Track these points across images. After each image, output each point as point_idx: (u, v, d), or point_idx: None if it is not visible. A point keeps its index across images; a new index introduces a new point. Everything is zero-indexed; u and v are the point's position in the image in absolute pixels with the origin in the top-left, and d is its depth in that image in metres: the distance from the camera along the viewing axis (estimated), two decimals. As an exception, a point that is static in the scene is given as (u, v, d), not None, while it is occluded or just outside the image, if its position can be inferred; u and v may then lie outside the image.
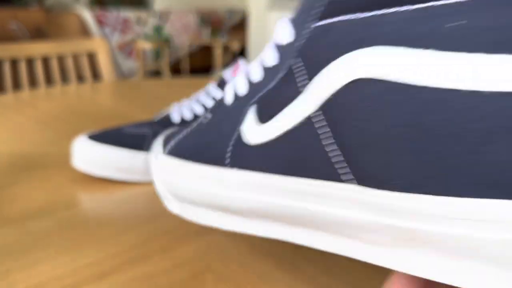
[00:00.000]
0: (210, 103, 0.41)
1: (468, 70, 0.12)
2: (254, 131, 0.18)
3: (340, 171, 0.16)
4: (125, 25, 3.51)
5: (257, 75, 0.19)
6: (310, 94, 0.16)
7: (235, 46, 3.42)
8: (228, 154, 0.20)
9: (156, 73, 3.70)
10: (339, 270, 0.28)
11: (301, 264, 0.28)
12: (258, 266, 0.28)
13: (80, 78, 3.11)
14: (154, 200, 0.37)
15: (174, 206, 0.25)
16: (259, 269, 0.28)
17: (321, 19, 0.16)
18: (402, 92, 0.13)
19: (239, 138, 0.19)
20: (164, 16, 3.75)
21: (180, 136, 0.24)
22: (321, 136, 0.16)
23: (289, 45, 0.18)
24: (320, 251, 0.30)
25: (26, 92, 0.77)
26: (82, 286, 0.25)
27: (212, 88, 0.42)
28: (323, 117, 0.15)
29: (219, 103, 0.22)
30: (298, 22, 0.18)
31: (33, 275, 0.26)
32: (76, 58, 1.04)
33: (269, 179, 0.18)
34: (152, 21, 3.67)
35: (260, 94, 0.19)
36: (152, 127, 0.40)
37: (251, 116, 0.19)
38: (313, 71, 0.16)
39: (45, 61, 1.02)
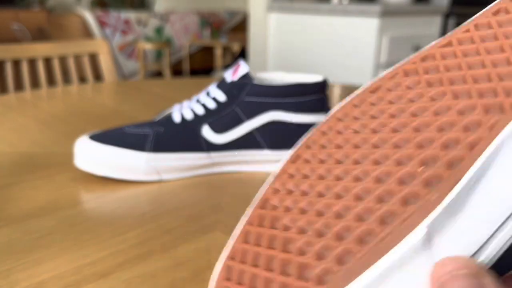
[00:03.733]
0: (210, 103, 0.41)
1: None
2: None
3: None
4: (126, 26, 3.52)
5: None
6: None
7: (235, 47, 3.42)
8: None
9: (157, 74, 3.70)
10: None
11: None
12: (258, 265, 0.28)
13: (82, 79, 3.11)
14: (155, 199, 0.37)
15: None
16: (259, 268, 0.28)
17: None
18: None
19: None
20: (164, 17, 3.75)
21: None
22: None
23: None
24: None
25: (28, 93, 0.78)
26: (83, 284, 0.26)
27: (212, 88, 0.42)
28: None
29: None
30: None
31: (34, 274, 0.27)
32: (77, 59, 1.04)
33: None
34: (153, 22, 3.67)
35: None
36: (153, 127, 0.41)
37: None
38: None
39: (47, 62, 1.03)
